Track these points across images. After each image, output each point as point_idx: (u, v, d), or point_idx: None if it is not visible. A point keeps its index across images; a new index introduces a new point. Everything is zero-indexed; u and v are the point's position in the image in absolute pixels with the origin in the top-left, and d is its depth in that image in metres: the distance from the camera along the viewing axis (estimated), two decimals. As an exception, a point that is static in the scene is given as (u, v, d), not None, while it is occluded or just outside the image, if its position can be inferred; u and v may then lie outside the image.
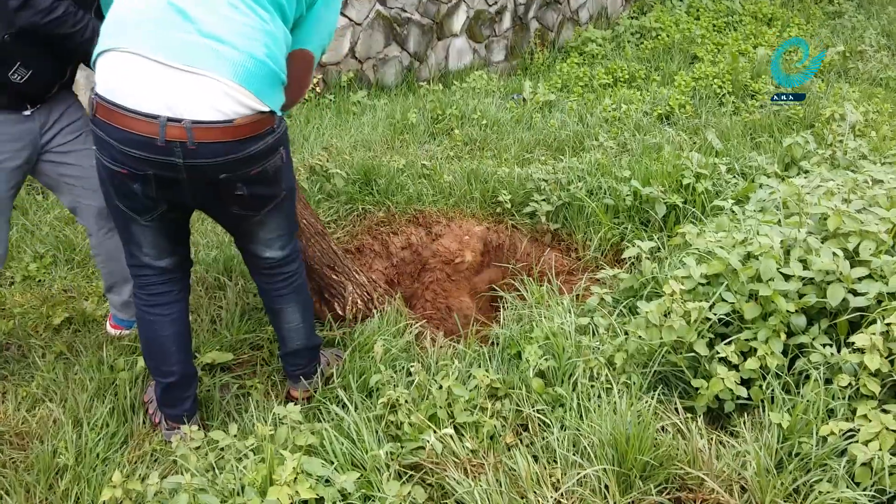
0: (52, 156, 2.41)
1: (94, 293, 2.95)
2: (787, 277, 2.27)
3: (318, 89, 5.48)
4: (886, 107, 4.92)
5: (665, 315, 2.29)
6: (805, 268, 2.29)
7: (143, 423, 2.29)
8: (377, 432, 2.08)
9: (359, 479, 1.89)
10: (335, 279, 2.87)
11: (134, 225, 2.02)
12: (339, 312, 2.87)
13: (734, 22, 7.29)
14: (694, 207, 3.55)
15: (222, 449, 1.92)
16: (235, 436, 1.95)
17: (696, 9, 7.51)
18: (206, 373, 2.49)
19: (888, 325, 2.07)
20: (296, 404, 2.17)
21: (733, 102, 5.35)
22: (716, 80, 5.57)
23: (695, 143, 4.44)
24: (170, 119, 1.77)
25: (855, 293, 2.22)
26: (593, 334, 2.47)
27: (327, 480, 1.83)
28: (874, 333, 2.07)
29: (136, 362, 2.47)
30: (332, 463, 1.93)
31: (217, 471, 1.85)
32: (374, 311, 2.89)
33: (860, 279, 2.25)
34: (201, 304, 2.88)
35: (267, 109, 1.90)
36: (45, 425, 2.22)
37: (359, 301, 2.89)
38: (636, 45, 6.81)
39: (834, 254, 2.28)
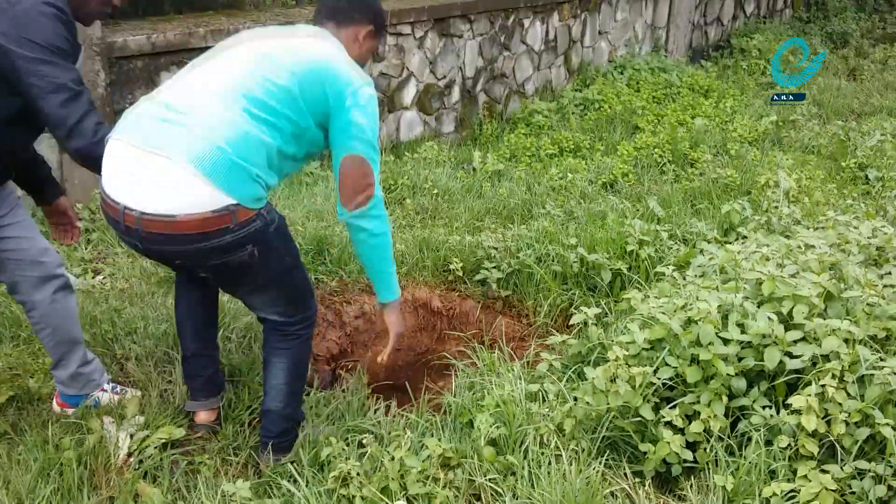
0: None
1: (40, 370, 2.89)
2: (725, 342, 2.36)
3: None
4: (818, 173, 5.17)
5: (611, 380, 2.34)
6: (743, 332, 2.38)
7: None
8: (328, 507, 2.07)
9: (310, 555, 1.87)
10: None
11: None
12: None
13: (672, 94, 7.62)
14: (638, 274, 3.66)
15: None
16: (183, 515, 1.92)
17: (637, 81, 7.85)
18: (157, 450, 2.44)
19: (822, 386, 2.15)
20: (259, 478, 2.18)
21: (674, 170, 5.57)
22: (657, 150, 5.80)
23: (638, 210, 4.59)
24: (126, 207, 1.93)
25: (791, 355, 2.31)
26: (543, 400, 2.51)
27: (277, 558, 1.81)
28: (810, 395, 2.15)
29: (82, 441, 2.42)
30: (283, 540, 1.91)
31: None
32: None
33: (795, 342, 2.34)
34: (150, 378, 2.84)
35: (223, 204, 1.93)
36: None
37: None
38: (580, 117, 7.06)
39: (769, 318, 2.38)
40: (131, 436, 2.51)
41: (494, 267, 3.92)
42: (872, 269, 2.84)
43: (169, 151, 1.92)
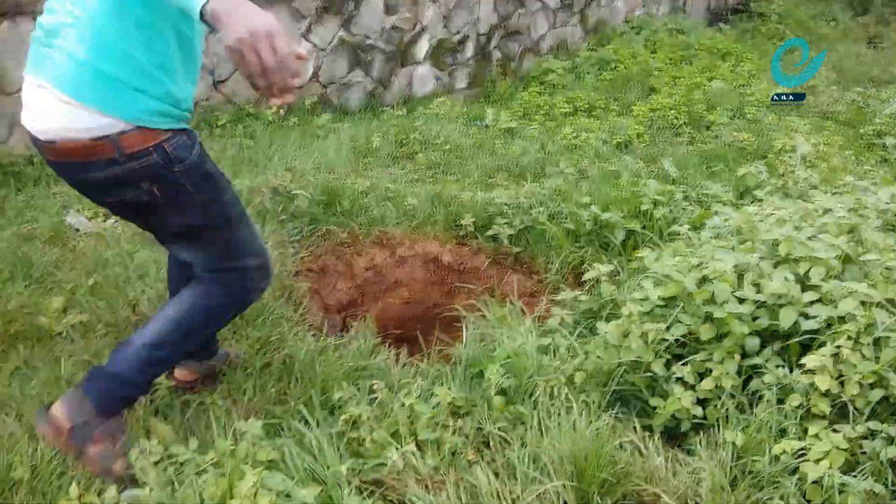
0: None
1: (52, 309, 2.90)
2: (740, 301, 2.34)
3: (281, 111, 5.48)
4: (836, 139, 5.10)
5: (623, 336, 2.33)
6: (758, 292, 2.36)
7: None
8: (339, 448, 2.08)
9: (319, 493, 1.88)
10: None
11: None
12: None
13: (689, 56, 7.51)
14: (651, 233, 3.64)
15: (182, 464, 1.90)
16: (195, 451, 1.93)
17: (653, 42, 7.73)
18: (168, 391, 2.45)
19: (837, 347, 2.14)
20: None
21: (689, 133, 5.50)
22: (672, 111, 5.73)
23: (652, 171, 4.55)
24: (30, 130, 1.79)
25: (806, 316, 2.30)
26: (554, 354, 2.51)
27: (288, 495, 1.82)
28: (824, 356, 2.14)
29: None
30: (293, 478, 1.92)
31: (176, 485, 1.83)
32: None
33: (811, 303, 2.33)
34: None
35: (102, 131, 1.68)
36: (0, 439, 2.17)
37: None
38: (595, 76, 6.97)
39: (785, 278, 2.36)
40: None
41: (506, 223, 3.89)
42: (891, 234, 2.81)
43: (45, 78, 1.71)
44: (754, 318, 2.34)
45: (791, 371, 2.24)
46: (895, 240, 2.72)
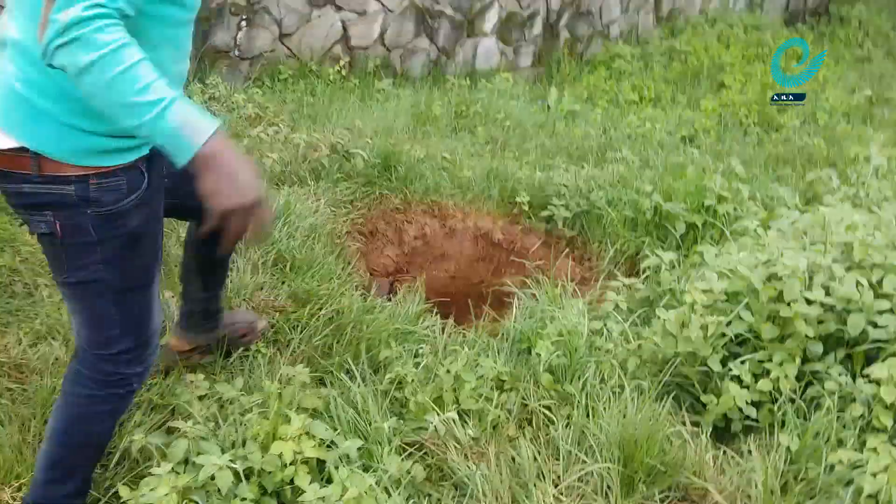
0: None
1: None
2: (808, 302, 2.25)
3: (343, 72, 5.45)
4: (912, 153, 4.90)
5: (683, 325, 2.26)
6: (827, 294, 2.26)
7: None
8: (382, 406, 2.05)
9: (361, 448, 1.86)
10: None
11: None
12: None
13: (763, 54, 7.28)
14: (712, 230, 3.53)
15: (227, 402, 1.89)
16: (241, 391, 1.92)
17: (727, 37, 7.51)
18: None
19: (907, 359, 2.04)
20: None
21: (757, 133, 5.34)
22: (742, 108, 5.56)
23: (718, 167, 4.42)
24: None
25: (875, 325, 2.20)
26: (606, 338, 2.45)
27: (330, 445, 1.80)
28: (892, 367, 2.04)
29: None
30: (335, 430, 1.90)
31: (220, 421, 1.82)
32: None
33: (881, 312, 2.22)
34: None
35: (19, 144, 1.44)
36: (45, 362, 2.19)
37: None
38: (664, 66, 6.80)
39: (858, 283, 2.26)
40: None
41: (563, 205, 3.82)
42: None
43: None
44: (819, 322, 2.25)
45: (854, 380, 2.15)
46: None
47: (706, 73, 6.53)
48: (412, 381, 2.16)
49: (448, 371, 2.22)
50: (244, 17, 4.91)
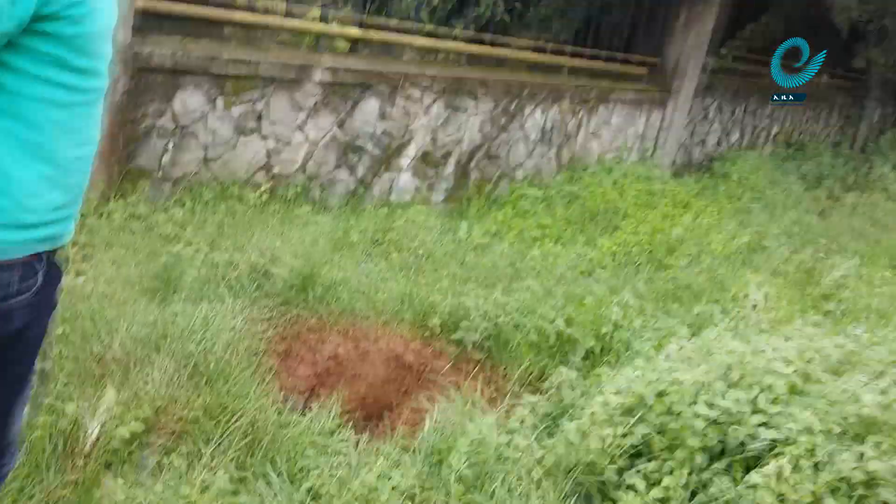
0: None
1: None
2: (696, 416, 2.47)
3: (264, 197, 5.64)
4: (786, 292, 5.41)
5: (583, 436, 2.43)
6: (710, 408, 2.50)
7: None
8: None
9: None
10: None
11: None
12: None
13: (654, 202, 7.96)
14: (610, 355, 3.80)
15: None
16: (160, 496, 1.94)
17: (622, 185, 8.19)
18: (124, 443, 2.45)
19: (780, 467, 2.27)
20: None
21: (648, 271, 5.79)
22: (635, 247, 6.04)
23: (613, 299, 4.75)
24: None
25: (752, 437, 2.44)
26: (514, 449, 2.58)
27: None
28: (768, 474, 2.26)
29: (55, 423, 2.42)
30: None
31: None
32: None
33: (758, 425, 2.47)
34: (129, 376, 2.86)
35: None
36: None
37: None
38: (565, 207, 7.33)
39: (736, 399, 2.51)
40: (102, 424, 2.52)
41: (473, 329, 4.02)
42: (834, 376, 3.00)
43: None
44: (704, 434, 2.47)
45: (735, 486, 2.35)
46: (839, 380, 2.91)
47: (602, 215, 7.07)
48: (326, 492, 2.22)
49: (362, 483, 2.30)
50: (170, 140, 5.10)
